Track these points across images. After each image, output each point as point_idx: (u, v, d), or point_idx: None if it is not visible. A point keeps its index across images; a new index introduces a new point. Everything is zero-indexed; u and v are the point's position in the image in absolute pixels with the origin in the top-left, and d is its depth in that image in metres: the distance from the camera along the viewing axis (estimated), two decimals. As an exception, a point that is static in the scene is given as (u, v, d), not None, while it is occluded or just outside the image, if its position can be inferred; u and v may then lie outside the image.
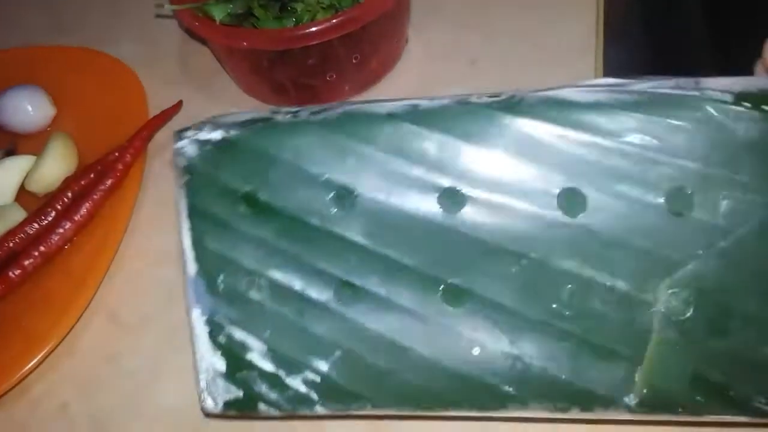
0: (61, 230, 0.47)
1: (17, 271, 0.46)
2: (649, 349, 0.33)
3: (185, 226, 0.37)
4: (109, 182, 0.49)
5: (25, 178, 0.52)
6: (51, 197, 0.49)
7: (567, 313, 0.34)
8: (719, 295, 0.32)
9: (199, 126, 0.38)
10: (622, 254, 0.33)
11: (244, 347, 0.36)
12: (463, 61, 0.57)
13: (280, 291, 0.36)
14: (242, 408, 0.36)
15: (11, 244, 0.47)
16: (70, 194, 0.49)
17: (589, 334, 0.34)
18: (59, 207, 0.48)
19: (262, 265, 0.36)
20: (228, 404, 0.36)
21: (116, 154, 0.50)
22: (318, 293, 0.35)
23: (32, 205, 0.50)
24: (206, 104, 0.57)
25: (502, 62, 0.56)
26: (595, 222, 0.34)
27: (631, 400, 0.33)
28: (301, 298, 0.36)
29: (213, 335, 0.36)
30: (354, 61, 0.52)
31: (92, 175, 0.50)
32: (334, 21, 0.47)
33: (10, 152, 0.55)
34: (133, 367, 0.44)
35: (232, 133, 0.37)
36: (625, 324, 0.33)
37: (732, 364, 0.32)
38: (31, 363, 0.42)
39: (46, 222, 0.48)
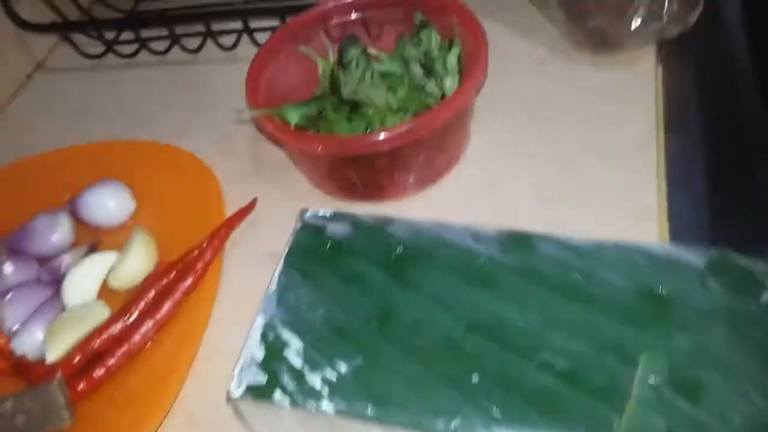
0: (143, 329, 0.49)
1: (101, 371, 0.48)
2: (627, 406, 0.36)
3: (281, 261, 0.46)
4: (189, 281, 0.51)
5: (108, 274, 0.55)
6: (133, 296, 0.51)
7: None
8: (690, 369, 0.37)
9: (317, 209, 0.49)
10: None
11: (285, 344, 0.42)
12: (524, 155, 0.58)
13: (331, 314, 0.43)
14: (260, 394, 0.40)
15: (96, 345, 0.49)
16: (152, 293, 0.51)
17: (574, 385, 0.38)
18: (142, 306, 0.51)
19: (324, 292, 0.44)
20: (249, 388, 0.40)
21: (195, 252, 0.53)
22: (357, 324, 0.42)
23: (115, 301, 0.53)
24: (277, 198, 0.59)
25: (561, 157, 0.57)
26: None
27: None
28: (344, 323, 0.42)
29: (264, 334, 0.42)
30: (421, 161, 0.54)
31: (173, 274, 0.52)
32: (404, 128, 0.49)
33: (93, 248, 0.57)
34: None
35: (337, 213, 0.49)
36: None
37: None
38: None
39: (130, 321, 0.50)
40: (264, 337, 0.42)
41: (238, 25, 0.73)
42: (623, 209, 0.52)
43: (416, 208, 0.55)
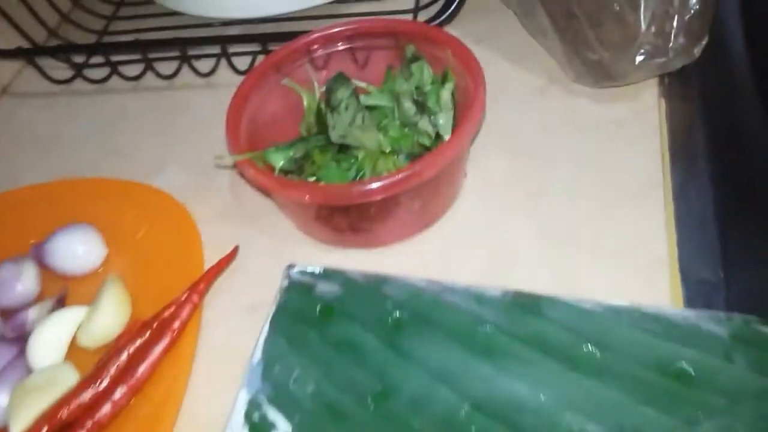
0: (116, 397, 0.45)
1: (71, 445, 0.44)
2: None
3: (266, 326, 0.43)
4: (165, 342, 0.47)
5: (77, 331, 0.51)
6: (105, 359, 0.47)
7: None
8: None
9: (306, 265, 0.47)
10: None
11: (272, 425, 0.39)
12: (523, 194, 0.54)
13: (322, 391, 0.40)
14: None
15: (65, 415, 0.45)
16: (125, 356, 0.47)
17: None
18: (113, 371, 0.46)
19: (314, 361, 0.41)
20: None
21: (172, 308, 0.49)
22: (352, 403, 0.39)
23: (85, 361, 0.49)
24: (260, 242, 0.55)
25: (563, 198, 0.53)
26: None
27: None
28: (337, 402, 0.39)
29: (248, 413, 0.40)
30: (415, 208, 0.50)
31: (148, 334, 0.48)
32: (398, 177, 0.45)
33: (61, 300, 0.53)
34: None
35: (329, 270, 0.46)
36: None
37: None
38: None
39: (101, 388, 0.46)
40: (248, 416, 0.39)
41: (215, 49, 0.68)
42: (632, 257, 0.49)
43: (410, 254, 0.52)
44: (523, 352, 0.38)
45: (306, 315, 0.42)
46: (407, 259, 0.51)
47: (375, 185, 0.45)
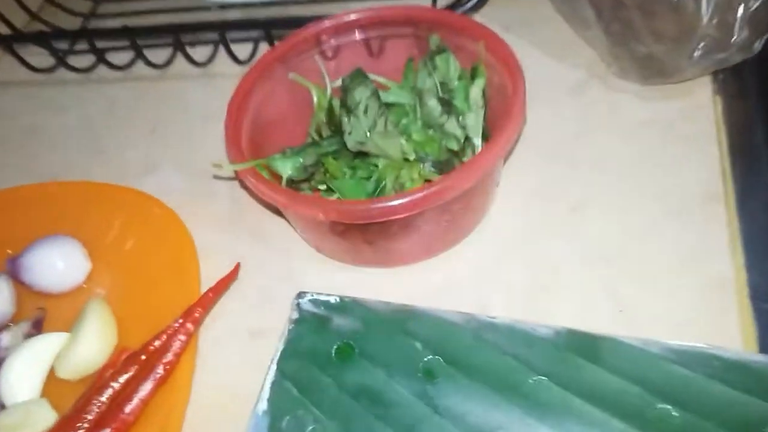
0: (99, 443, 0.39)
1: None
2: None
3: (273, 367, 0.37)
4: (156, 378, 0.41)
5: (56, 360, 0.44)
6: (86, 398, 0.41)
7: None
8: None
9: (318, 291, 0.41)
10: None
11: None
12: (562, 207, 0.48)
13: None
14: None
15: (40, 465, 0.39)
16: (109, 393, 0.41)
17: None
18: (96, 411, 0.40)
19: (331, 414, 0.35)
20: None
21: (164, 337, 0.42)
22: None
23: (63, 396, 0.43)
24: (264, 257, 0.49)
25: (608, 210, 0.47)
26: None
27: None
28: None
29: None
30: (443, 224, 0.44)
31: (135, 368, 0.42)
32: (427, 192, 0.39)
33: (38, 323, 0.47)
34: None
35: (346, 300, 0.39)
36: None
37: None
38: None
39: (82, 432, 0.40)
40: None
41: (213, 35, 0.62)
42: (692, 282, 0.43)
43: (435, 275, 0.46)
44: (581, 408, 0.32)
45: (320, 356, 0.36)
46: (432, 281, 0.45)
47: (399, 202, 0.39)
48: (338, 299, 0.38)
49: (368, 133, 0.42)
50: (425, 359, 0.35)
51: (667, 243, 0.45)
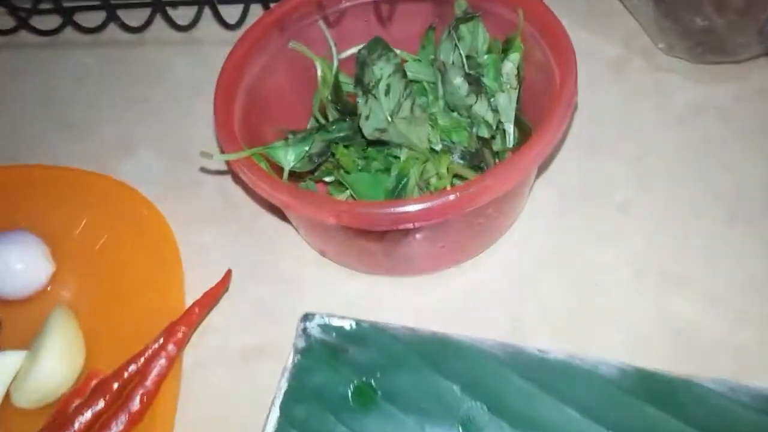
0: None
1: None
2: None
3: (274, 411, 0.31)
4: (130, 412, 0.34)
5: (11, 384, 0.37)
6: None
7: None
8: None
9: (329, 313, 0.34)
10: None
11: None
12: (606, 206, 0.41)
13: None
14: None
15: None
16: (76, 429, 0.34)
17: None
18: (60, 452, 0.33)
19: None
20: None
21: (141, 361, 0.36)
22: None
23: (19, 428, 0.36)
24: (259, 259, 0.42)
25: (659, 206, 0.41)
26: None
27: None
28: None
29: None
30: (473, 229, 0.37)
31: (107, 397, 0.35)
32: (461, 195, 0.32)
33: (-8, 336, 0.40)
34: None
35: (363, 325, 0.32)
36: None
37: None
38: None
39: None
40: None
41: (197, -6, 0.54)
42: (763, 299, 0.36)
43: (462, 287, 0.39)
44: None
45: (333, 398, 0.29)
46: (456, 295, 0.39)
47: (429, 205, 0.32)
48: (354, 324, 0.31)
49: (390, 119, 0.35)
50: (465, 406, 0.28)
51: (731, 252, 0.39)
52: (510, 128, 0.40)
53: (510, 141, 0.40)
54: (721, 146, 0.43)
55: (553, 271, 0.39)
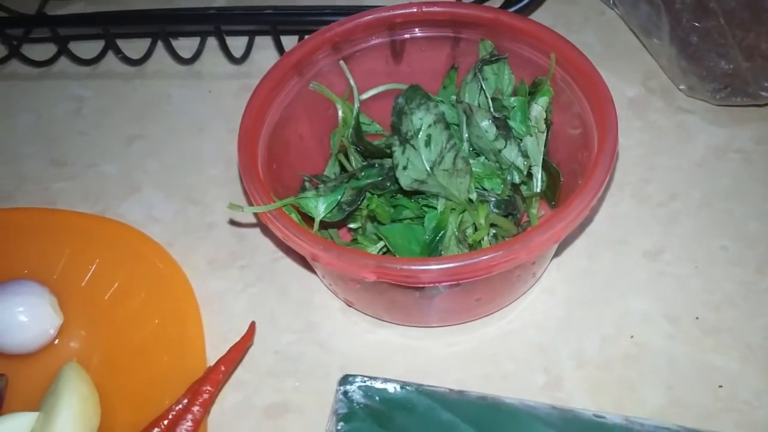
0: None
1: None
2: None
3: None
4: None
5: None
6: None
7: None
8: None
9: (372, 376, 0.32)
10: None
11: None
12: (637, 253, 0.41)
13: None
14: None
15: None
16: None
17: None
18: None
19: None
20: None
21: (163, 424, 0.33)
22: None
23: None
24: (280, 309, 0.40)
25: (689, 255, 0.40)
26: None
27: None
28: None
29: None
30: (514, 279, 0.36)
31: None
32: (505, 252, 0.31)
33: (-2, 395, 0.37)
34: None
35: (409, 389, 0.30)
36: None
37: None
38: None
39: None
40: None
41: (202, 26, 0.52)
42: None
43: (491, 337, 0.38)
44: None
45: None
46: (490, 345, 0.37)
47: (475, 261, 0.31)
48: (398, 387, 0.30)
49: (431, 170, 0.33)
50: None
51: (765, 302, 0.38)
52: (538, 173, 0.39)
53: (538, 186, 0.40)
54: (746, 190, 0.43)
55: (587, 321, 0.38)
